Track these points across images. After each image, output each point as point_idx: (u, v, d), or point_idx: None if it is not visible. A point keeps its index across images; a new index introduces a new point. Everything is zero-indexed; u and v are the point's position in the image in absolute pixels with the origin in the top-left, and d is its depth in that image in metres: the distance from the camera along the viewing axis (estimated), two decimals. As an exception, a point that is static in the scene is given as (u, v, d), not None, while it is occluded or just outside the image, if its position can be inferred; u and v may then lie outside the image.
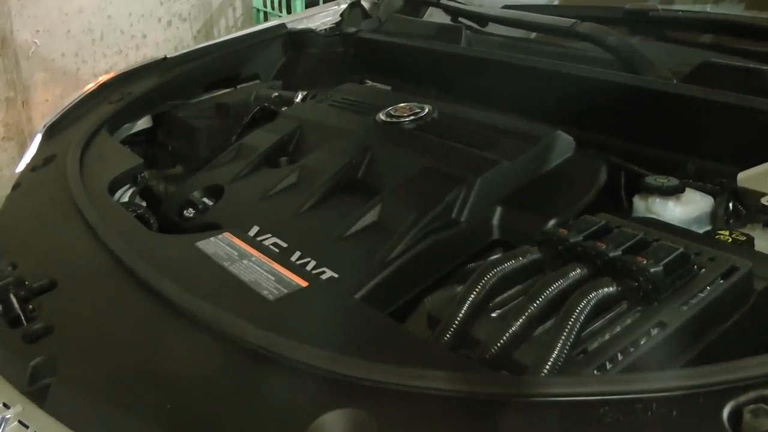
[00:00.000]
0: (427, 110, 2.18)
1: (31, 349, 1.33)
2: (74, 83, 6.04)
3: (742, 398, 0.99)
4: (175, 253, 1.67)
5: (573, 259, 1.39)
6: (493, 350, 1.25)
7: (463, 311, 1.33)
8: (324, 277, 1.60)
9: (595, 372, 1.18)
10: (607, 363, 1.19)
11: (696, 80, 2.07)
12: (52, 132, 2.52)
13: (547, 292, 1.30)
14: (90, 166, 2.09)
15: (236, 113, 2.69)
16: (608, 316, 1.29)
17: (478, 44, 2.81)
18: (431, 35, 2.83)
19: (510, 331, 1.26)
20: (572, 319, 1.22)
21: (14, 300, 1.45)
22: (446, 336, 1.31)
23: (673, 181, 1.76)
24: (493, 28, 3.01)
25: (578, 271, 1.35)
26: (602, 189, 1.86)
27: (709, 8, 3.20)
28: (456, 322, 1.32)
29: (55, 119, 2.58)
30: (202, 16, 6.92)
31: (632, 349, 1.22)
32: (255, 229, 1.81)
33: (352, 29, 3.12)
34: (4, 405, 1.25)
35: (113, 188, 2.02)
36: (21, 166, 2.31)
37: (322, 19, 3.38)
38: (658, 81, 2.09)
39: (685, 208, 1.75)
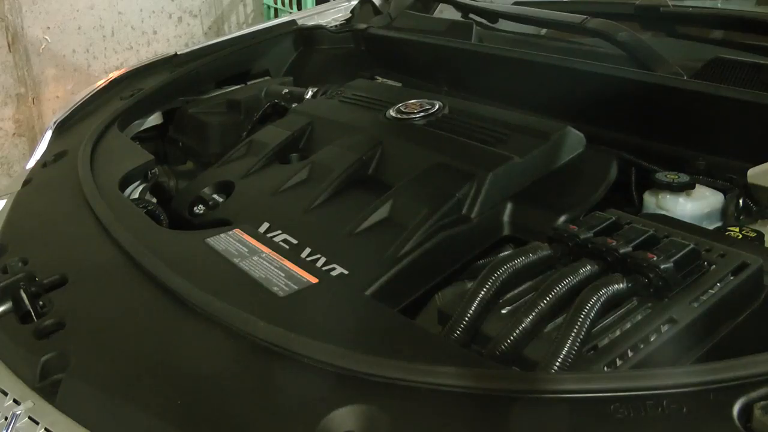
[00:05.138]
0: (437, 106, 2.18)
1: (42, 344, 1.33)
2: (85, 79, 6.07)
3: (753, 394, 1.00)
4: (185, 249, 1.67)
5: (583, 256, 1.39)
6: (503, 346, 1.25)
7: (473, 307, 1.33)
8: (334, 273, 1.60)
9: (606, 368, 1.18)
10: (618, 359, 1.20)
11: (707, 76, 2.07)
12: (62, 128, 2.53)
13: (558, 288, 1.30)
14: (101, 162, 2.10)
15: (247, 109, 2.69)
16: (619, 313, 1.29)
17: (489, 40, 2.81)
18: (442, 31, 2.83)
19: (520, 327, 1.26)
20: (582, 316, 1.22)
21: (25, 296, 1.46)
22: (457, 332, 1.32)
23: (684, 177, 1.76)
24: (503, 24, 3.01)
25: (589, 267, 1.35)
26: (613, 185, 1.86)
27: (719, 4, 3.21)
28: (466, 318, 1.32)
29: (65, 115, 2.59)
30: (213, 13, 6.93)
31: (642, 346, 1.22)
32: (265, 226, 1.81)
33: (363, 25, 3.12)
34: (15, 401, 1.26)
35: (124, 184, 2.02)
36: (32, 162, 2.32)
37: (333, 15, 3.39)
38: (669, 77, 2.09)
39: (695, 204, 1.75)
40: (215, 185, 2.12)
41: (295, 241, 1.73)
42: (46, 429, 1.19)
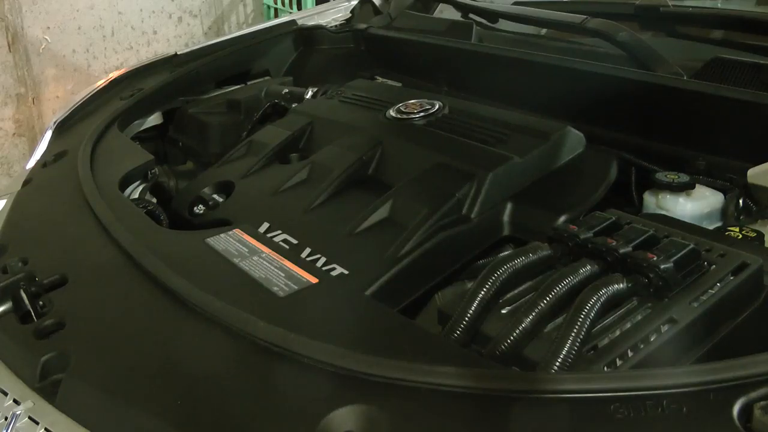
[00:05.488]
0: (437, 106, 2.18)
1: (42, 344, 1.33)
2: (85, 79, 6.07)
3: (753, 394, 1.00)
4: (185, 249, 1.67)
5: (583, 256, 1.39)
6: (503, 346, 1.25)
7: (473, 307, 1.33)
8: (334, 273, 1.60)
9: (606, 368, 1.18)
10: (618, 359, 1.20)
11: (706, 76, 2.07)
12: (62, 128, 2.53)
13: (558, 288, 1.30)
14: (101, 162, 2.10)
15: (247, 109, 2.69)
16: (619, 313, 1.29)
17: (489, 40, 2.81)
18: (442, 31, 2.84)
19: (520, 327, 1.26)
20: (582, 316, 1.22)
21: (25, 296, 1.46)
22: (457, 332, 1.32)
23: (684, 177, 1.76)
24: (503, 24, 3.01)
25: (589, 267, 1.35)
26: (613, 185, 1.86)
27: (719, 4, 3.21)
28: (466, 318, 1.32)
29: (65, 115, 2.59)
30: (213, 13, 6.93)
31: (642, 346, 1.22)
32: (265, 226, 1.81)
33: (363, 25, 3.12)
34: (15, 401, 1.26)
35: (124, 184, 2.02)
36: (32, 162, 2.32)
37: (333, 15, 3.39)
38: (669, 77, 2.09)
39: (695, 204, 1.75)
40: (215, 185, 2.12)
41: (295, 241, 1.73)
42: (46, 429, 1.19)
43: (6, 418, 1.22)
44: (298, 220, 1.84)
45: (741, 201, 1.77)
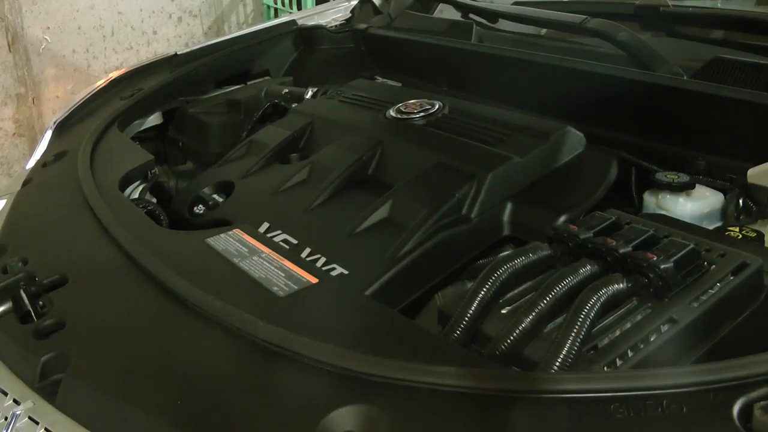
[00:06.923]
0: (437, 106, 2.18)
1: (42, 344, 1.33)
2: (85, 79, 6.07)
3: (753, 394, 0.99)
4: (185, 249, 1.67)
5: (583, 256, 1.39)
6: (503, 346, 1.25)
7: (473, 307, 1.33)
8: (334, 273, 1.60)
9: (606, 368, 1.18)
10: (618, 359, 1.20)
11: (707, 76, 2.07)
12: (62, 128, 2.53)
13: (558, 288, 1.30)
14: (101, 162, 2.10)
15: (247, 109, 2.69)
16: (619, 313, 1.29)
17: (489, 40, 2.81)
18: (442, 31, 2.84)
19: (520, 327, 1.26)
20: (582, 316, 1.22)
21: (25, 296, 1.46)
22: (457, 332, 1.32)
23: (684, 177, 1.76)
24: (503, 24, 3.01)
25: (589, 267, 1.35)
26: (613, 185, 1.86)
27: (719, 4, 3.21)
28: (466, 318, 1.32)
29: (65, 115, 2.59)
30: (213, 13, 6.93)
31: (642, 346, 1.22)
32: (265, 226, 1.81)
33: (363, 25, 3.12)
34: (15, 401, 1.26)
35: (124, 184, 2.02)
36: (32, 162, 2.32)
37: (333, 15, 3.39)
38: (669, 77, 2.09)
39: (695, 204, 1.75)
40: (215, 185, 2.12)
41: (295, 241, 1.73)
42: (46, 429, 1.19)
43: (6, 418, 1.22)
44: (298, 220, 1.84)
45: (741, 201, 1.77)
